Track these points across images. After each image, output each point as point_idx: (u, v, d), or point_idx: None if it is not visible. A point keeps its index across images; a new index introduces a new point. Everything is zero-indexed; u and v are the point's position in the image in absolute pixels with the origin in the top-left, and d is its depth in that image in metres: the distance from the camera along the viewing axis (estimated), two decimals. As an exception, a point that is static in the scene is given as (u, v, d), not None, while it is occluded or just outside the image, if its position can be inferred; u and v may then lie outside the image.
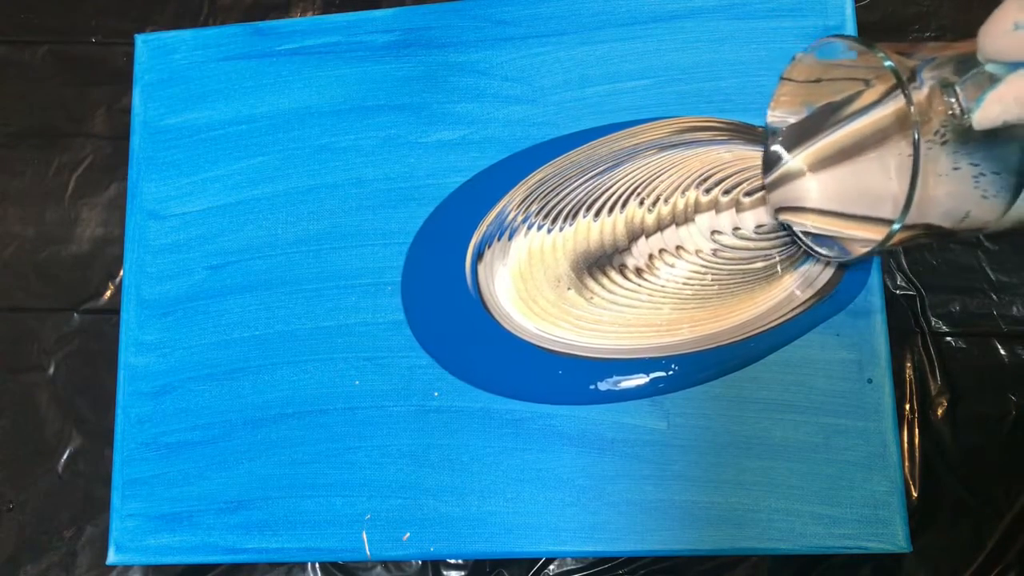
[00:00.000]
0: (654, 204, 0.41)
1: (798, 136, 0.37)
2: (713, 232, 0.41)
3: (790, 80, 0.35)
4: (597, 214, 0.42)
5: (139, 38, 0.47)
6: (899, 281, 0.43)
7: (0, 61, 0.51)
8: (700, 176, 0.42)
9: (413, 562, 0.43)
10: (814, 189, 0.37)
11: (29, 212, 0.49)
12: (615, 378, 0.40)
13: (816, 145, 0.36)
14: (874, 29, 0.45)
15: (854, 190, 0.35)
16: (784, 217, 0.38)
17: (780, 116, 0.37)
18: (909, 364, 0.42)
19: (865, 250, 0.32)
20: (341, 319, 0.42)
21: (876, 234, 0.32)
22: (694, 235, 0.41)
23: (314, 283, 0.43)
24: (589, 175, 0.42)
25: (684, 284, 0.40)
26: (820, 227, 0.36)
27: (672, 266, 0.41)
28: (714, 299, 0.40)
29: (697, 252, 0.41)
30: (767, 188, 0.39)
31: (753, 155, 0.41)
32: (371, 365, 0.41)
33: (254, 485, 0.41)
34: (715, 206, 0.41)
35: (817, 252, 0.36)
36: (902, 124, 0.33)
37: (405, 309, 0.42)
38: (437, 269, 0.42)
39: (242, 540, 0.40)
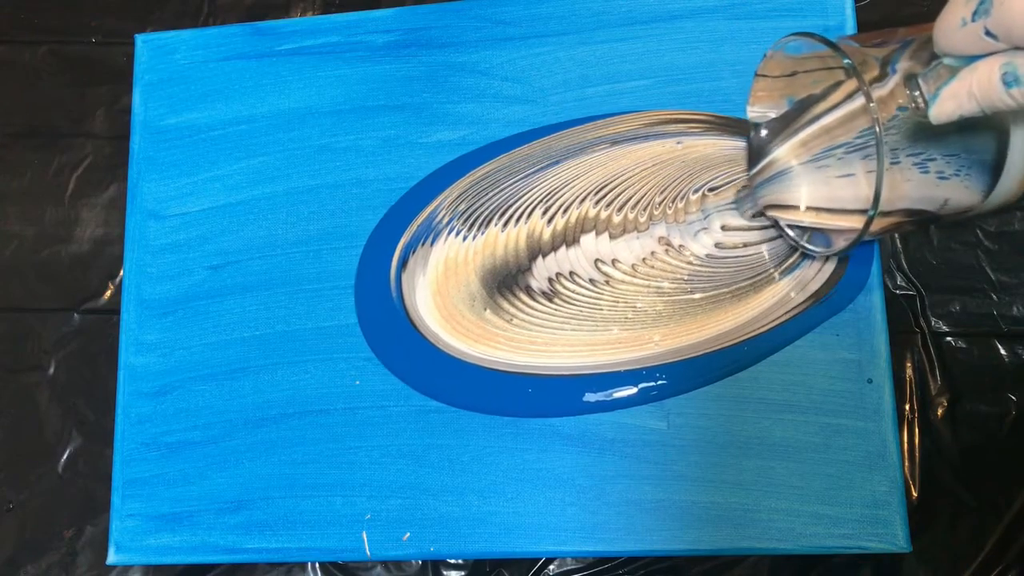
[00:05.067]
0: (552, 218, 0.40)
1: (781, 129, 0.37)
2: (597, 260, 0.40)
3: (765, 76, 0.36)
4: (506, 224, 0.41)
5: (139, 38, 0.47)
6: (899, 281, 0.43)
7: (0, 61, 0.51)
8: (600, 186, 0.40)
9: (413, 562, 0.43)
10: (798, 182, 0.37)
11: (29, 212, 0.49)
12: (605, 391, 0.39)
13: (797, 137, 0.36)
14: (874, 29, 0.45)
15: (836, 182, 0.35)
16: (772, 213, 0.38)
17: (760, 111, 0.37)
18: (909, 364, 0.42)
19: (847, 242, 0.32)
20: (341, 319, 0.42)
21: (856, 223, 0.32)
22: (580, 260, 0.40)
23: (314, 283, 0.43)
24: (525, 173, 0.41)
25: (611, 310, 0.39)
26: (806, 220, 0.36)
27: (576, 294, 0.40)
28: (671, 319, 0.39)
29: (591, 281, 0.40)
30: (752, 181, 0.39)
31: (704, 145, 0.41)
32: (371, 365, 0.41)
33: (254, 485, 0.41)
34: (624, 227, 0.40)
35: (804, 247, 0.36)
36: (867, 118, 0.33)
37: (359, 321, 0.42)
38: (378, 277, 0.42)
39: (242, 540, 0.40)
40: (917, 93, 0.28)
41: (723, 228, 0.40)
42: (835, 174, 0.35)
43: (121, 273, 0.46)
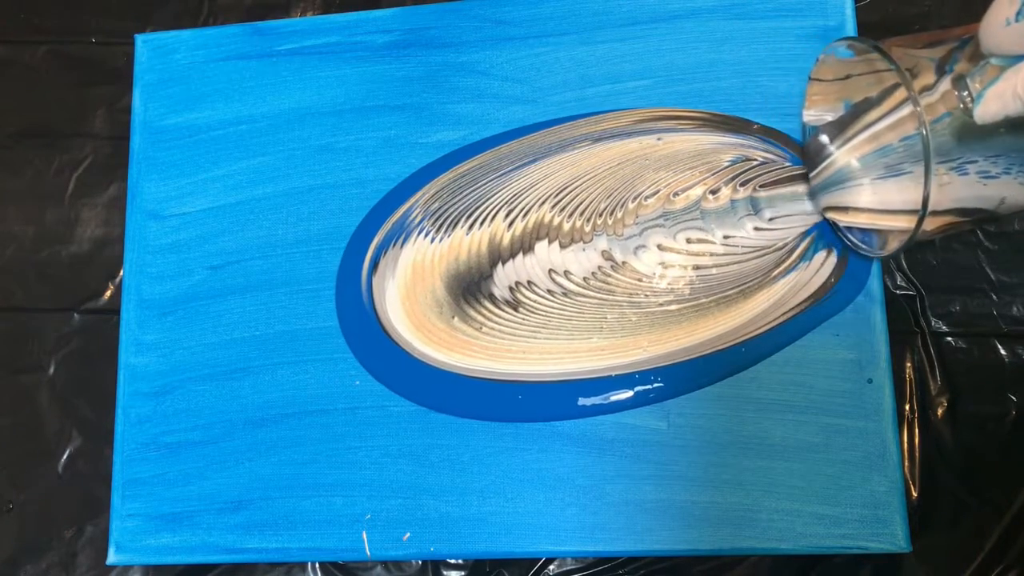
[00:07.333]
0: (513, 222, 0.40)
1: (838, 133, 0.37)
2: (551, 271, 0.39)
3: (819, 80, 0.36)
4: (471, 226, 0.40)
5: (139, 38, 0.47)
6: (899, 281, 0.43)
7: (0, 61, 0.51)
8: (561, 188, 0.40)
9: (413, 562, 0.43)
10: (856, 185, 0.37)
11: (29, 212, 0.49)
12: (600, 395, 0.39)
13: (855, 141, 0.36)
14: (875, 29, 0.45)
15: (888, 184, 0.35)
16: (831, 216, 0.38)
17: (816, 115, 0.37)
18: (909, 364, 0.42)
19: (900, 244, 0.33)
20: (341, 319, 0.42)
21: (908, 224, 0.32)
22: (536, 269, 0.39)
23: (314, 283, 0.43)
24: (502, 171, 0.40)
25: (580, 320, 0.39)
26: (863, 222, 0.36)
27: (538, 304, 0.39)
28: (653, 328, 0.39)
29: (549, 292, 0.39)
30: (811, 182, 0.39)
31: (683, 141, 0.41)
32: (371, 365, 0.41)
33: (254, 485, 0.41)
34: (572, 236, 0.39)
35: (860, 248, 0.36)
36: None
37: (341, 326, 0.41)
38: (353, 279, 0.42)
39: (242, 540, 0.40)
40: (965, 93, 0.28)
41: (659, 247, 0.40)
42: (888, 177, 0.35)
43: (121, 273, 0.46)
